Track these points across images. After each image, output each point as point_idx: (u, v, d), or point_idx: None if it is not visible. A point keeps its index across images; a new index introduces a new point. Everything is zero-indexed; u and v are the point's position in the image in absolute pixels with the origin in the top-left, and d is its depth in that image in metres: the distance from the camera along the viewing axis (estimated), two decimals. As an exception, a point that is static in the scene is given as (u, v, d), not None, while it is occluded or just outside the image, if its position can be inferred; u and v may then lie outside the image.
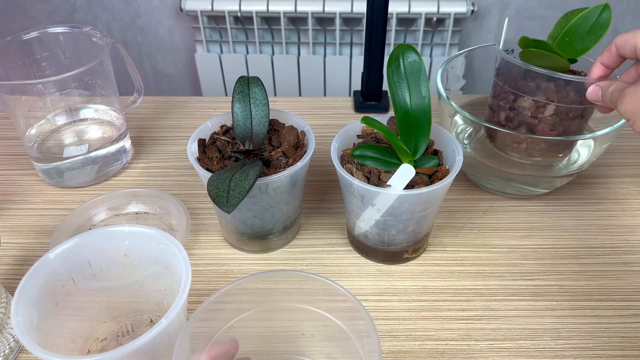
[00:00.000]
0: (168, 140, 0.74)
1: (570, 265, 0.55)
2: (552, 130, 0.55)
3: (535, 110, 0.55)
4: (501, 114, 0.58)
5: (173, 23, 1.40)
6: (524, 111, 0.56)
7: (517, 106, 0.56)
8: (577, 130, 0.57)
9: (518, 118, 0.56)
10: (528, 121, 0.56)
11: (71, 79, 0.61)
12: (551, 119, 0.55)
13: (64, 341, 0.43)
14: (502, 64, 0.57)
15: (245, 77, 0.54)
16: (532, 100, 0.55)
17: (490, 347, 0.48)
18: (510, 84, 0.56)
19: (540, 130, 0.56)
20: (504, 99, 0.57)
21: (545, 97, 0.54)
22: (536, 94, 0.55)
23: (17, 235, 0.59)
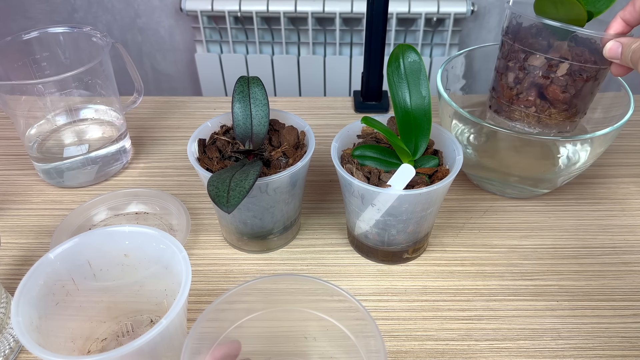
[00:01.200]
0: (168, 140, 0.74)
1: (570, 265, 0.55)
2: (563, 92, 0.53)
3: (547, 69, 0.53)
4: (509, 75, 0.56)
5: (173, 23, 1.40)
6: (534, 70, 0.53)
7: (527, 65, 0.54)
8: (589, 95, 0.55)
9: (528, 78, 0.54)
10: (539, 82, 0.54)
11: (71, 79, 0.61)
12: (563, 80, 0.52)
13: (64, 341, 0.43)
14: (512, 21, 0.55)
15: (245, 77, 0.54)
16: (544, 57, 0.52)
17: (491, 347, 0.48)
18: (520, 42, 0.54)
19: (551, 91, 0.53)
20: (514, 59, 0.55)
21: (559, 55, 0.52)
22: (549, 51, 0.52)
23: (17, 235, 0.59)
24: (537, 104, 0.55)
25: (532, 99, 0.55)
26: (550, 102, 0.54)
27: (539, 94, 0.54)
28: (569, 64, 0.52)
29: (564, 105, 0.54)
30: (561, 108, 0.55)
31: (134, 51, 1.45)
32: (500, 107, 0.58)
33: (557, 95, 0.53)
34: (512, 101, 0.56)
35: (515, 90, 0.55)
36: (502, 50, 0.57)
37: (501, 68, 0.57)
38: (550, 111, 0.55)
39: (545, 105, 0.55)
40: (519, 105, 0.56)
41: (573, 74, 0.52)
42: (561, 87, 0.53)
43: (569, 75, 0.52)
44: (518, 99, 0.56)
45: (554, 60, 0.52)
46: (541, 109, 0.55)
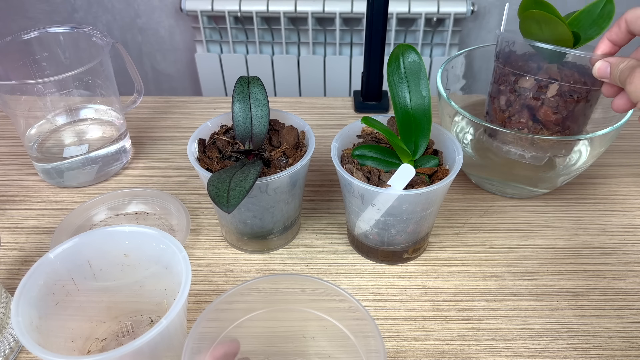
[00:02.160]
0: (168, 140, 0.74)
1: (570, 265, 0.55)
2: (555, 113, 0.53)
3: (537, 90, 0.53)
4: (501, 99, 0.56)
5: (173, 23, 1.40)
6: (525, 92, 0.54)
7: (518, 87, 0.54)
8: (583, 117, 0.55)
9: (519, 100, 0.54)
10: (530, 104, 0.54)
11: (71, 79, 0.61)
12: (554, 101, 0.53)
13: (64, 341, 0.43)
14: (503, 46, 0.56)
15: (245, 77, 0.54)
16: (533, 79, 0.53)
17: (490, 347, 0.48)
18: (510, 65, 0.55)
19: (542, 113, 0.53)
20: (505, 82, 0.56)
21: (548, 76, 0.52)
22: (538, 73, 0.53)
23: (17, 235, 0.59)
24: (529, 125, 0.55)
25: (524, 121, 0.55)
26: (543, 124, 0.54)
27: (531, 116, 0.54)
28: (559, 85, 0.52)
29: (557, 126, 0.54)
30: (554, 130, 0.55)
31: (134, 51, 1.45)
32: (494, 130, 0.58)
33: (548, 116, 0.54)
34: (505, 124, 0.56)
35: (507, 113, 0.56)
36: (494, 75, 0.58)
37: (494, 92, 0.57)
38: (543, 133, 0.55)
39: (537, 127, 0.55)
40: (512, 128, 0.56)
41: (563, 94, 0.53)
42: (552, 109, 0.53)
43: (559, 96, 0.53)
44: (510, 121, 0.56)
45: (543, 81, 0.53)
46: (534, 130, 0.55)
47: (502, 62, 0.56)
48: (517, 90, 0.54)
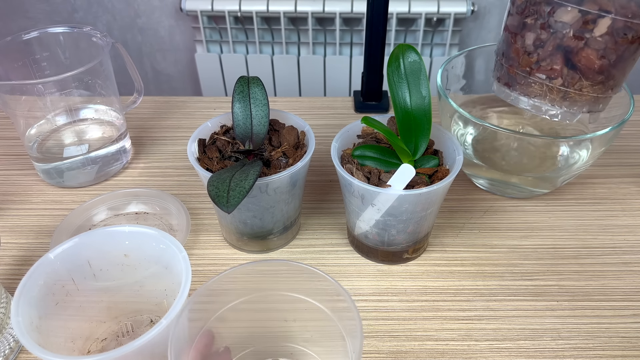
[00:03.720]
0: (168, 140, 0.74)
1: (570, 265, 0.55)
2: (601, 58, 0.41)
3: (581, 27, 0.41)
4: (528, 36, 0.44)
5: (173, 23, 1.40)
6: (563, 29, 0.41)
7: (553, 22, 0.42)
8: (631, 62, 0.44)
9: (554, 40, 0.42)
10: (569, 44, 0.42)
11: (71, 79, 0.61)
12: (602, 41, 0.40)
13: (64, 341, 0.43)
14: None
15: (245, 77, 0.54)
16: (577, 10, 0.40)
17: (490, 348, 0.48)
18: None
19: (584, 57, 0.41)
20: (534, 13, 0.43)
21: (598, 7, 0.40)
22: (583, 2, 0.40)
23: (17, 235, 0.59)
24: (564, 74, 0.43)
25: (559, 68, 0.43)
26: (582, 72, 0.43)
27: (566, 61, 0.43)
28: (612, 20, 0.40)
29: (600, 75, 0.42)
30: (595, 80, 0.43)
31: (134, 51, 1.45)
32: (512, 78, 0.46)
33: (591, 62, 0.42)
34: (531, 71, 0.44)
35: (536, 57, 0.44)
36: (515, 3, 0.45)
37: (515, 27, 0.45)
38: (582, 84, 0.43)
39: (575, 77, 0.43)
40: (540, 76, 0.44)
41: (615, 33, 0.40)
42: (598, 52, 0.41)
43: (610, 35, 0.40)
44: (539, 68, 0.44)
45: (591, 14, 0.40)
46: (570, 81, 0.43)
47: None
48: (552, 25, 0.42)
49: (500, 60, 0.48)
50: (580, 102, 0.45)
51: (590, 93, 0.43)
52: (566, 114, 0.47)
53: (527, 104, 0.46)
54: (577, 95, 0.44)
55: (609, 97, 0.46)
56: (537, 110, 0.47)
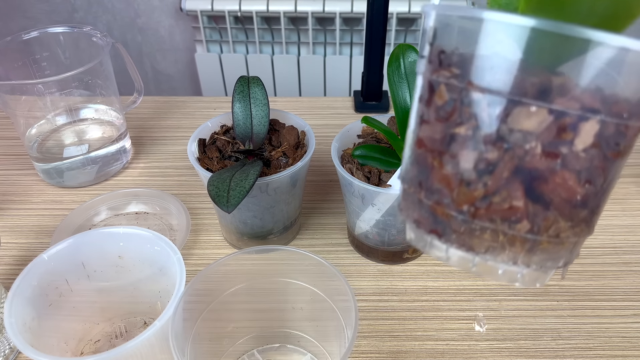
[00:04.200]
0: (168, 140, 0.74)
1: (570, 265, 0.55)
2: (586, 183, 0.26)
3: (554, 137, 0.24)
4: (464, 157, 0.26)
5: (173, 23, 1.40)
6: (526, 142, 0.25)
7: (507, 132, 0.25)
8: (611, 186, 0.28)
9: (510, 161, 0.25)
10: (534, 166, 0.25)
11: (71, 79, 0.61)
12: (586, 158, 0.25)
13: (57, 342, 0.43)
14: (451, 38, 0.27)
15: (246, 77, 0.54)
16: (547, 111, 0.24)
17: (491, 348, 0.48)
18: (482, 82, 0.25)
19: (561, 185, 0.25)
20: (470, 118, 0.26)
21: (579, 105, 0.24)
22: (555, 98, 0.24)
23: (17, 235, 0.59)
24: (530, 213, 0.26)
25: (521, 205, 0.26)
26: (557, 208, 0.26)
27: (530, 193, 0.26)
28: (600, 123, 0.24)
29: (583, 210, 0.27)
30: (578, 217, 0.27)
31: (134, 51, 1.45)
32: (443, 223, 0.27)
33: (572, 192, 0.26)
34: (475, 212, 0.26)
35: (482, 189, 0.26)
36: (432, 104, 0.27)
37: (437, 141, 0.27)
38: (559, 226, 0.26)
39: (548, 216, 0.26)
40: (491, 221, 0.26)
41: (605, 143, 0.25)
42: (580, 175, 0.25)
43: (598, 147, 0.25)
44: (489, 207, 0.26)
45: (569, 115, 0.24)
46: (542, 224, 0.26)
47: (463, 73, 0.26)
48: (506, 137, 0.25)
49: (416, 192, 0.28)
50: (555, 254, 0.28)
51: (571, 238, 0.27)
52: (534, 274, 0.28)
53: (472, 263, 0.27)
54: (553, 244, 0.27)
55: (583, 240, 0.29)
56: (488, 272, 0.28)
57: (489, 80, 0.24)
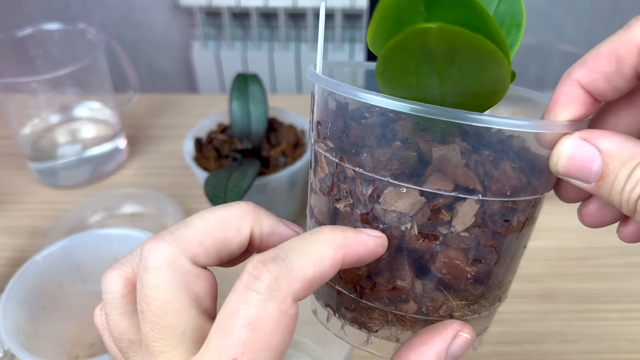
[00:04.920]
0: (164, 139, 0.73)
1: (576, 267, 0.55)
2: (475, 261, 0.24)
3: (430, 219, 0.23)
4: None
5: (169, 19, 1.39)
6: (401, 223, 0.23)
7: (382, 212, 0.23)
8: (520, 250, 0.26)
9: (390, 241, 0.24)
10: (414, 247, 0.23)
11: (65, 77, 0.60)
12: (471, 237, 0.23)
13: (52, 345, 0.42)
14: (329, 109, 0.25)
15: (244, 74, 0.53)
16: (418, 193, 0.22)
17: (496, 352, 0.47)
18: (356, 159, 0.23)
19: (447, 264, 0.24)
20: (347, 196, 0.25)
21: (452, 185, 0.22)
22: (426, 179, 0.22)
23: (11, 237, 0.58)
24: (417, 293, 0.24)
25: (407, 285, 0.24)
26: (448, 286, 0.24)
27: (418, 271, 0.24)
28: (480, 202, 0.22)
29: (479, 286, 0.25)
30: (473, 294, 0.25)
31: (129, 48, 1.44)
32: (337, 299, 0.27)
33: (460, 271, 0.24)
34: (362, 291, 0.25)
35: (364, 268, 0.25)
36: (317, 175, 0.26)
37: (323, 214, 0.27)
38: (450, 305, 0.25)
39: (437, 296, 0.24)
40: (378, 301, 0.25)
41: (490, 221, 0.23)
42: (467, 253, 0.24)
43: (482, 226, 0.23)
44: (374, 287, 0.25)
45: (442, 197, 0.22)
46: (430, 304, 0.24)
47: (338, 149, 0.24)
48: (381, 218, 0.23)
49: None
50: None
51: (469, 315, 0.25)
52: None
53: (367, 341, 0.26)
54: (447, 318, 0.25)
55: (497, 307, 0.27)
56: (383, 351, 0.26)
57: (358, 158, 0.23)
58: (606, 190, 0.21)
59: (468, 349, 0.23)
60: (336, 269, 0.20)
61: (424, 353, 0.22)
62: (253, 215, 0.22)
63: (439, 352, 0.22)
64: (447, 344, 0.22)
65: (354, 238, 0.21)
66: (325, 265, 0.20)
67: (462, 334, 0.23)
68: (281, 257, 0.19)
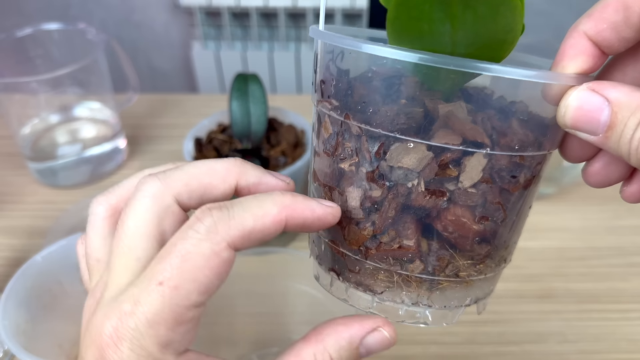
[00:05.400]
0: (164, 139, 0.73)
1: (576, 267, 0.54)
2: (482, 219, 0.24)
3: (437, 174, 0.23)
4: (350, 194, 0.24)
5: (169, 19, 1.39)
6: (407, 180, 0.23)
7: (387, 169, 0.23)
8: (526, 210, 0.26)
9: (395, 199, 0.23)
10: (420, 204, 0.23)
11: (65, 77, 0.60)
12: (478, 194, 0.23)
13: (52, 346, 0.42)
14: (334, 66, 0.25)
15: (244, 74, 0.53)
16: (426, 148, 0.22)
17: (495, 352, 0.47)
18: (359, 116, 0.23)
19: (453, 222, 0.23)
20: (352, 154, 0.24)
21: (460, 138, 0.22)
22: (434, 133, 0.22)
23: (11, 237, 0.58)
24: (423, 252, 0.24)
25: (413, 244, 0.24)
26: (453, 245, 0.24)
27: (424, 230, 0.24)
28: (487, 157, 0.22)
29: (485, 246, 0.25)
30: (479, 253, 0.25)
31: (129, 47, 1.43)
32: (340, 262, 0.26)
33: (466, 229, 0.24)
34: (367, 252, 0.25)
35: (370, 228, 0.24)
36: (320, 135, 0.26)
37: (327, 176, 0.26)
38: (457, 265, 0.24)
39: (443, 255, 0.24)
40: (383, 261, 0.25)
41: (498, 177, 0.23)
42: (474, 211, 0.23)
43: (489, 182, 0.23)
44: (379, 247, 0.24)
45: (450, 151, 0.22)
46: (436, 263, 0.24)
47: (342, 106, 0.24)
48: (387, 174, 0.23)
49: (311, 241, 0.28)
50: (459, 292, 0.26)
51: (475, 276, 0.25)
52: (439, 313, 0.26)
53: (371, 304, 0.26)
54: (453, 283, 0.25)
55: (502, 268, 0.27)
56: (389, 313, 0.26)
57: (363, 114, 0.23)
58: (614, 141, 0.20)
59: (385, 349, 0.24)
60: (278, 228, 0.22)
61: (340, 332, 0.23)
62: (239, 169, 0.24)
63: (354, 337, 0.23)
64: (364, 333, 0.23)
65: (302, 203, 0.22)
66: (266, 221, 0.21)
67: (382, 330, 0.23)
68: (227, 207, 0.21)
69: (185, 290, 0.20)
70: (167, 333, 0.20)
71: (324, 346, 0.22)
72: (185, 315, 0.20)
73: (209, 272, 0.20)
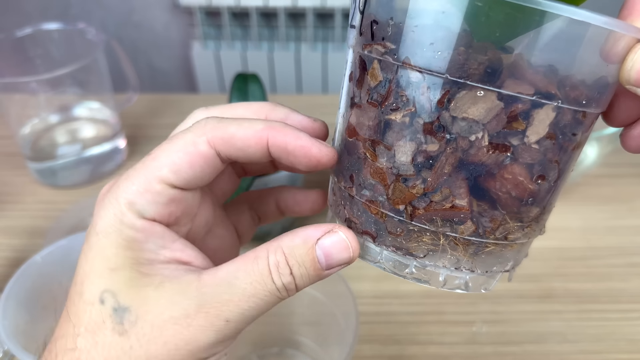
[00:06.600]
0: (164, 139, 0.72)
1: (576, 267, 0.54)
2: (539, 178, 0.22)
3: (504, 127, 0.21)
4: (400, 148, 0.23)
5: (169, 19, 1.39)
6: (471, 132, 0.21)
7: (450, 120, 0.21)
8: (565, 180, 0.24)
9: (453, 155, 0.22)
10: (480, 160, 0.22)
11: (65, 77, 0.60)
12: (540, 150, 0.22)
13: None
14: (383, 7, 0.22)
15: (243, 74, 0.53)
16: (497, 97, 0.21)
17: (495, 352, 0.47)
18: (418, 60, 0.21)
19: (510, 181, 0.22)
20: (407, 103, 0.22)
21: (533, 89, 0.21)
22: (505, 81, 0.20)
23: (10, 237, 0.58)
24: (475, 213, 0.23)
25: (465, 204, 0.23)
26: (505, 206, 0.23)
27: (475, 190, 0.22)
28: (555, 110, 0.21)
29: (535, 208, 0.24)
30: (528, 216, 0.24)
31: (129, 47, 1.43)
32: (377, 224, 0.24)
33: (523, 189, 0.22)
34: (413, 211, 0.23)
35: (421, 185, 0.23)
36: (364, 82, 0.24)
37: (369, 128, 0.24)
38: (507, 227, 0.23)
39: (496, 216, 0.23)
40: (431, 222, 0.23)
41: (561, 133, 0.22)
42: (532, 169, 0.22)
43: (553, 137, 0.22)
44: (429, 206, 0.23)
45: (522, 101, 0.21)
46: (488, 225, 0.23)
47: (394, 48, 0.22)
48: (448, 126, 0.21)
49: (347, 187, 0.25)
50: (502, 257, 0.25)
51: (521, 239, 0.24)
52: (479, 279, 0.26)
53: (409, 270, 0.25)
54: (500, 247, 0.24)
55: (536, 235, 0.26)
56: (427, 279, 0.26)
57: (429, 57, 0.21)
58: None
59: (344, 257, 0.24)
60: (259, 143, 0.24)
61: (296, 232, 0.24)
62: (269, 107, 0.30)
63: (309, 236, 0.24)
64: (321, 234, 0.24)
65: (290, 129, 0.25)
66: (248, 132, 0.24)
67: (338, 231, 0.24)
68: (222, 116, 0.25)
69: (159, 162, 0.24)
70: (135, 193, 0.23)
71: (278, 243, 0.23)
72: (153, 185, 0.23)
73: (183, 155, 0.24)
